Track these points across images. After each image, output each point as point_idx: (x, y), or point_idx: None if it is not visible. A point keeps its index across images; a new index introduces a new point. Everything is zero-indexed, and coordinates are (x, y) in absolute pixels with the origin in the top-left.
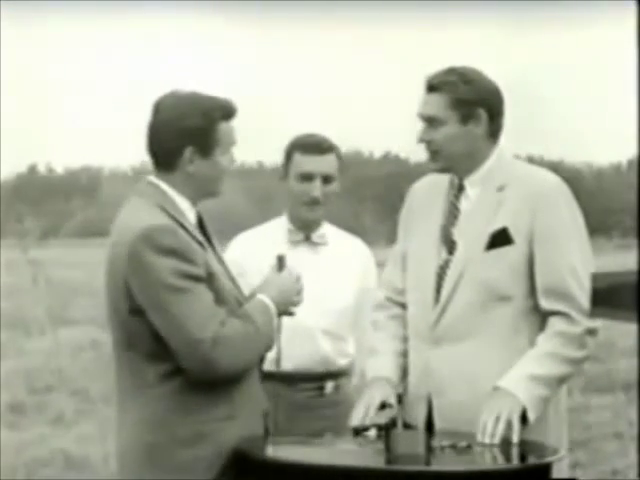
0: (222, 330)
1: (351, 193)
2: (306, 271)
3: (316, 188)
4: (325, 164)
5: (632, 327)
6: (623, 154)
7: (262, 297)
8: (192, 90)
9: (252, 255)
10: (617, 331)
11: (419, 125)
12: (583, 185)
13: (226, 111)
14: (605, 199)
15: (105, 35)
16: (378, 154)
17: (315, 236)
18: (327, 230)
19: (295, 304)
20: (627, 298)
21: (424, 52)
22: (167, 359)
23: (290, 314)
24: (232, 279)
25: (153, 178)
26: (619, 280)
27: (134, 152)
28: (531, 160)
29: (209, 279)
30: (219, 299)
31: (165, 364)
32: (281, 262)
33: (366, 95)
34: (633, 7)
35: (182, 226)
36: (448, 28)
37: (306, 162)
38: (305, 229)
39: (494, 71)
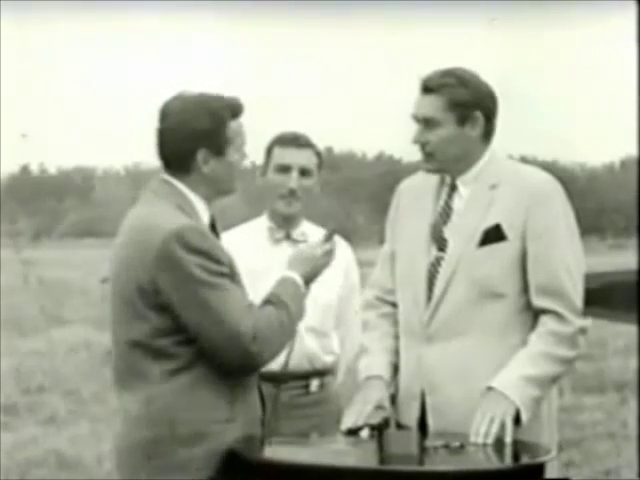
0: (259, 323)
1: (344, 193)
2: None
3: (293, 180)
4: (302, 157)
5: (624, 327)
6: (616, 154)
7: (292, 275)
8: (198, 91)
9: (234, 255)
10: (610, 330)
11: (413, 126)
12: (576, 186)
13: (234, 109)
14: (598, 199)
15: (101, 36)
16: (371, 155)
17: (295, 233)
18: (307, 228)
19: (321, 273)
20: (620, 298)
21: (418, 53)
22: (175, 357)
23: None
24: None
25: (167, 177)
26: (612, 280)
27: (127, 152)
28: (524, 160)
29: (233, 277)
30: (244, 295)
31: (172, 362)
32: (330, 236)
33: (359, 96)
34: (633, 7)
35: None
36: (443, 28)
37: (284, 154)
38: (285, 226)
39: (487, 70)
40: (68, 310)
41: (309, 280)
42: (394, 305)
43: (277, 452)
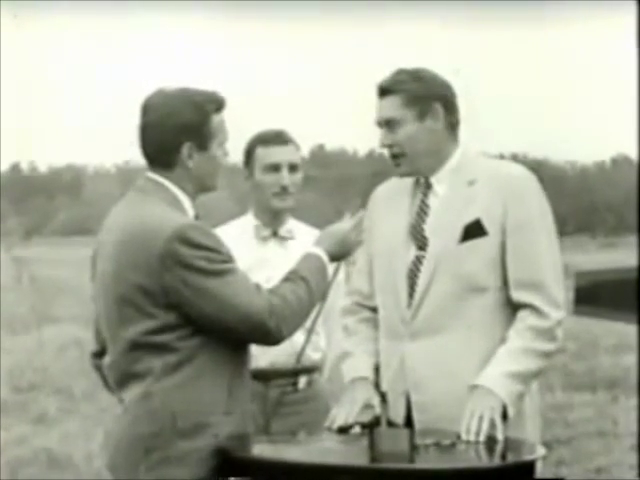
0: (275, 300)
1: (335, 191)
2: (275, 266)
3: (284, 177)
4: (289, 153)
5: (615, 325)
6: (607, 153)
7: (315, 251)
8: (179, 86)
9: None
10: (600, 329)
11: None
12: (567, 184)
13: (217, 103)
14: (589, 198)
15: (91, 36)
16: (362, 152)
17: (282, 231)
18: (294, 225)
19: (353, 251)
20: (610, 296)
21: (407, 52)
22: (177, 351)
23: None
24: None
25: (153, 175)
26: (602, 278)
27: (118, 151)
28: (515, 159)
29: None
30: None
31: (174, 356)
32: (357, 209)
33: (350, 94)
34: (633, 7)
35: None
36: (437, 27)
37: (271, 153)
38: (272, 224)
39: (481, 70)
40: (59, 308)
41: (340, 256)
42: (373, 310)
43: (267, 450)
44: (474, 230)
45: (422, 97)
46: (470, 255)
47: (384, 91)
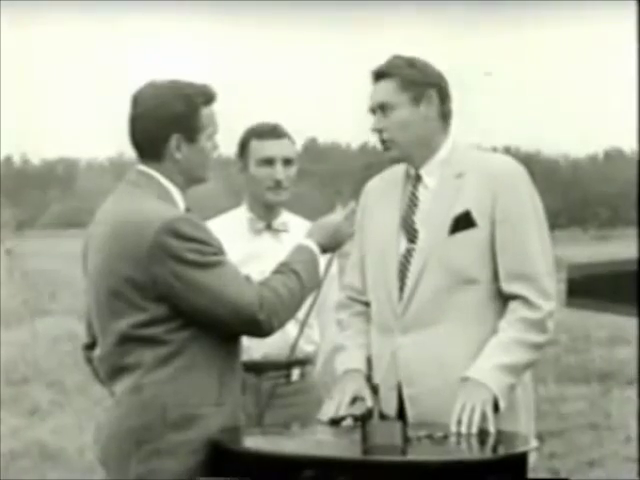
0: (265, 292)
1: (329, 184)
2: (269, 258)
3: (279, 172)
4: (284, 147)
5: (607, 317)
6: (600, 146)
7: (306, 243)
8: (169, 78)
9: None
10: (592, 322)
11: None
12: (559, 177)
13: (207, 96)
14: (581, 191)
15: (84, 30)
16: (355, 145)
17: (276, 224)
18: (288, 218)
19: (345, 242)
20: (602, 289)
21: (402, 48)
22: (167, 343)
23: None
24: None
25: (143, 167)
26: (594, 271)
27: (111, 144)
28: (508, 152)
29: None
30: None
31: (164, 348)
32: (348, 200)
33: (343, 88)
34: (633, 7)
35: None
36: (427, 26)
37: (265, 147)
38: (266, 217)
39: (476, 64)
40: (52, 301)
41: (332, 247)
42: (366, 304)
43: (260, 442)
44: (463, 222)
45: (417, 82)
46: (460, 247)
47: (379, 75)
